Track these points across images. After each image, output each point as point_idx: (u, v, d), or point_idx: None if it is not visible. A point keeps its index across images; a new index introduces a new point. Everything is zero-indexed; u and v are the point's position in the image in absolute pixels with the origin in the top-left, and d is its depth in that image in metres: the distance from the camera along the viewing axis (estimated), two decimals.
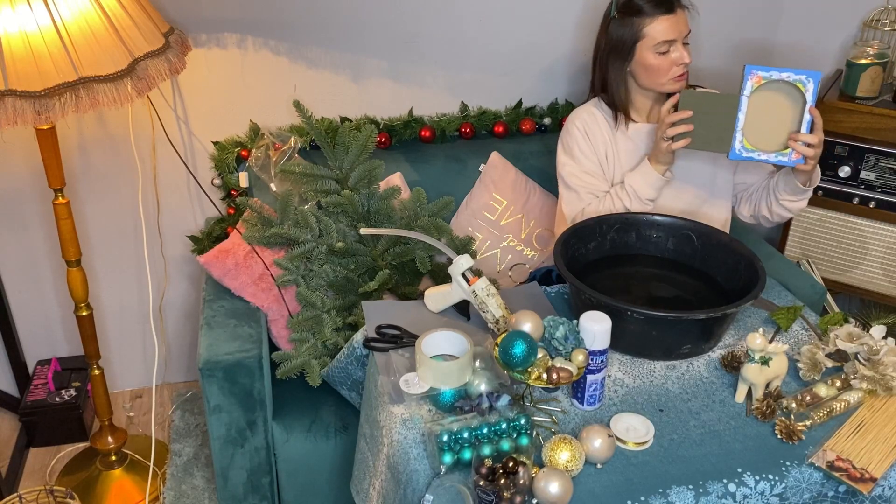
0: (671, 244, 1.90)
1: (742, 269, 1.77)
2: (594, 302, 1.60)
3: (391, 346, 1.67)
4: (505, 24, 2.47)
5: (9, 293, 2.50)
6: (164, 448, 2.48)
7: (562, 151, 2.12)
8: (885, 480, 1.41)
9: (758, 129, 1.82)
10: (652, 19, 1.92)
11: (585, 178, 2.07)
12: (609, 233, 1.90)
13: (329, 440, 1.98)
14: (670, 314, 1.59)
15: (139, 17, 1.88)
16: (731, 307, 1.59)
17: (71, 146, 2.33)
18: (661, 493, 1.35)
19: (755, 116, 1.82)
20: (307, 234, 2.08)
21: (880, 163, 2.39)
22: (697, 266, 1.88)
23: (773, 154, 1.80)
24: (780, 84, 1.81)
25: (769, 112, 1.82)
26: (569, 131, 2.10)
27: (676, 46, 1.94)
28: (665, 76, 1.97)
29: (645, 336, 1.62)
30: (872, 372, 1.54)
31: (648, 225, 1.91)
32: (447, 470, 1.38)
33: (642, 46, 1.95)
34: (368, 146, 2.15)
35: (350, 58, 2.41)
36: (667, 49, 1.94)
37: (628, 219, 1.91)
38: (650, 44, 1.94)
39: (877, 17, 2.46)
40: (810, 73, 1.78)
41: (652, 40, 1.93)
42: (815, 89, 1.78)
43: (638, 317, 1.57)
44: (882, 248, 2.48)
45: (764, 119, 1.82)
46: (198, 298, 2.59)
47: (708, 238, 1.86)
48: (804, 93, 1.80)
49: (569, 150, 2.10)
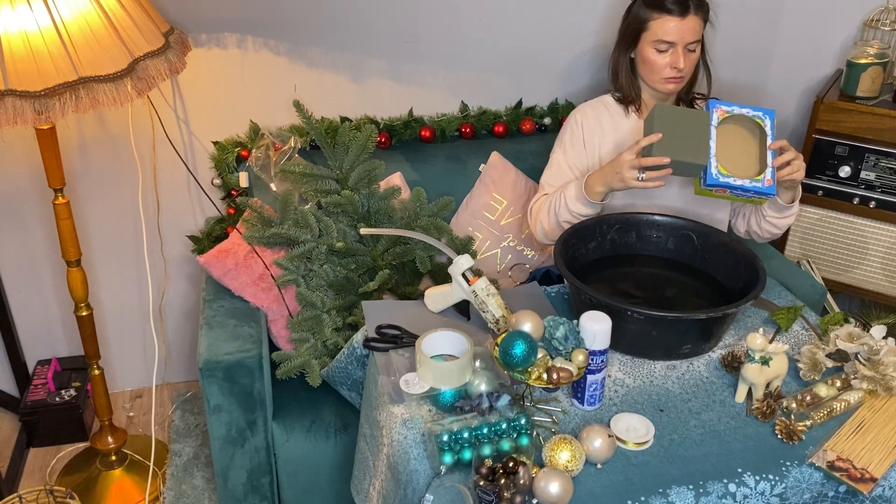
0: (671, 244, 1.90)
1: (742, 269, 1.77)
2: (594, 302, 1.60)
3: (391, 346, 1.67)
4: (505, 24, 2.47)
5: (9, 293, 2.50)
6: (164, 448, 2.48)
7: (560, 139, 2.16)
8: (885, 480, 1.41)
9: (729, 158, 1.83)
10: (661, 15, 1.92)
11: (563, 168, 2.10)
12: (609, 233, 1.90)
13: (329, 440, 1.98)
14: (670, 314, 1.59)
15: (139, 17, 1.88)
16: (732, 307, 1.59)
17: (71, 146, 2.33)
18: (661, 493, 1.35)
19: (724, 146, 1.83)
20: (307, 234, 2.08)
21: (880, 163, 2.39)
22: (698, 266, 1.88)
23: (747, 180, 1.81)
24: (742, 118, 1.84)
25: (737, 143, 1.84)
26: (569, 121, 2.15)
27: (675, 50, 1.94)
28: (657, 74, 1.98)
29: (645, 336, 1.62)
30: (873, 372, 1.54)
31: (649, 225, 1.91)
32: (447, 470, 1.38)
33: (645, 38, 1.96)
34: (368, 146, 2.15)
35: (350, 58, 2.41)
36: (665, 49, 1.94)
37: (629, 219, 1.91)
38: (650, 38, 1.95)
39: (877, 17, 2.46)
40: (766, 111, 1.84)
41: (653, 35, 1.94)
42: (772, 125, 1.84)
43: (638, 317, 1.57)
44: (882, 248, 2.48)
45: (733, 149, 1.84)
46: (198, 298, 2.59)
47: (708, 238, 1.86)
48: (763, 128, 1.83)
49: (561, 138, 2.14)
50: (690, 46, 1.95)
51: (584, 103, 2.16)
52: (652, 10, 1.94)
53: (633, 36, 1.99)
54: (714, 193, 1.83)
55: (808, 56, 2.67)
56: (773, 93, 2.75)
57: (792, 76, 2.71)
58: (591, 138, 2.09)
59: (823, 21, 2.62)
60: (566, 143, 2.12)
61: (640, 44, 1.98)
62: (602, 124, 2.09)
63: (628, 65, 2.05)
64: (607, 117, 2.10)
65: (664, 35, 1.93)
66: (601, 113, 2.11)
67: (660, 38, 1.93)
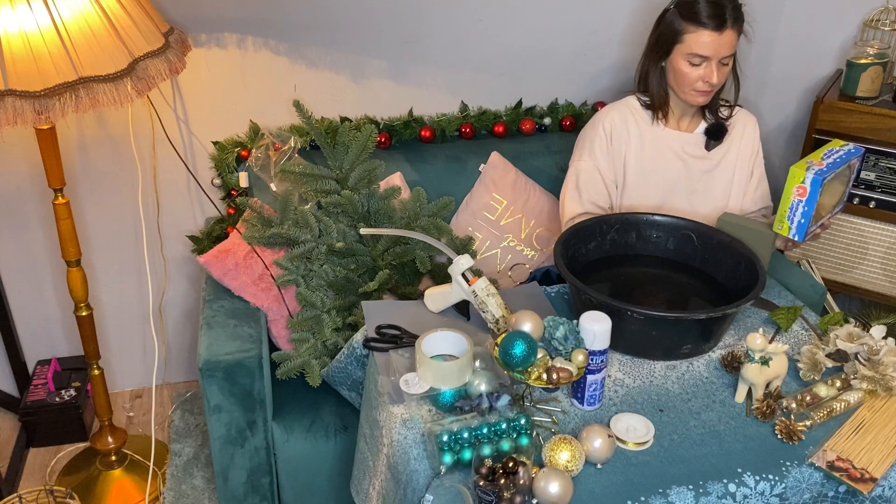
0: (671, 244, 1.90)
1: (742, 269, 1.77)
2: (594, 302, 1.60)
3: (391, 346, 1.67)
4: (505, 24, 2.47)
5: (9, 293, 2.50)
6: (164, 448, 2.48)
7: (582, 146, 2.10)
8: (885, 480, 1.41)
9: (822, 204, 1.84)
10: (697, 28, 1.88)
11: (595, 178, 2.06)
12: (609, 233, 1.90)
13: (329, 440, 1.98)
14: (670, 314, 1.59)
15: (139, 17, 1.88)
16: (731, 307, 1.58)
17: (71, 146, 2.33)
18: (661, 493, 1.35)
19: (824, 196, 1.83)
20: (307, 234, 2.08)
21: (880, 163, 2.39)
22: (698, 266, 1.88)
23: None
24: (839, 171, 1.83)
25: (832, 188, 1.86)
26: (594, 127, 2.09)
27: (709, 63, 1.91)
28: (688, 86, 1.95)
29: (645, 336, 1.62)
30: (872, 372, 1.54)
31: (649, 225, 1.91)
32: (447, 470, 1.38)
33: (678, 50, 1.93)
34: (368, 146, 2.15)
35: (350, 58, 2.41)
36: (699, 62, 1.91)
37: (629, 219, 1.91)
38: (685, 51, 1.91)
39: (877, 17, 2.46)
40: (856, 150, 1.85)
41: (687, 48, 1.90)
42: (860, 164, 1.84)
43: (638, 317, 1.57)
44: (882, 248, 2.48)
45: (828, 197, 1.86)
46: (198, 298, 2.59)
47: (708, 238, 1.86)
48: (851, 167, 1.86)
49: (590, 146, 2.08)
50: (724, 61, 1.92)
51: (609, 107, 2.11)
52: (688, 22, 1.89)
53: (667, 46, 1.95)
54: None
55: (808, 56, 2.67)
56: (774, 93, 2.75)
57: (792, 76, 2.71)
58: (619, 147, 2.06)
59: (823, 21, 2.62)
60: (595, 151, 2.07)
61: (672, 55, 1.94)
62: (629, 132, 2.06)
63: (659, 73, 2.01)
64: (633, 124, 2.07)
65: (699, 49, 1.89)
66: (628, 119, 2.07)
67: (694, 52, 1.89)
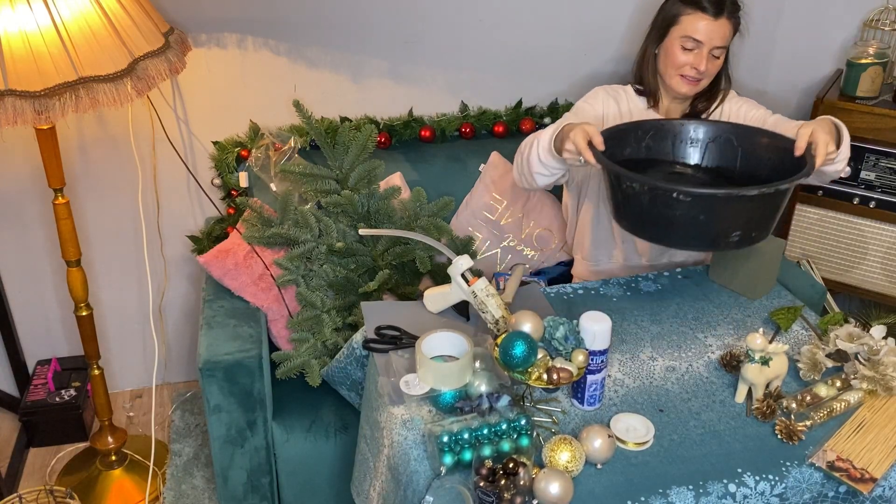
0: (711, 150, 1.83)
1: (788, 162, 1.67)
2: (636, 189, 1.50)
3: (391, 347, 1.67)
4: (505, 24, 2.47)
5: (9, 293, 2.50)
6: (164, 448, 2.48)
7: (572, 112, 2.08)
8: (885, 480, 1.41)
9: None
10: (694, 12, 1.91)
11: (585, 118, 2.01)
12: (644, 139, 1.82)
13: (329, 440, 1.98)
14: (720, 191, 1.50)
15: (139, 17, 1.88)
16: (784, 182, 1.51)
17: (71, 146, 2.33)
18: (661, 493, 1.35)
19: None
20: (307, 234, 2.08)
21: (880, 163, 2.39)
22: (739, 170, 1.79)
23: None
24: None
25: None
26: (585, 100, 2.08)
27: (700, 51, 1.92)
28: (675, 69, 1.96)
29: (691, 224, 1.52)
30: (872, 372, 1.54)
31: (686, 132, 1.85)
32: (447, 471, 1.38)
33: (673, 32, 1.95)
34: (368, 146, 2.15)
35: (350, 58, 2.41)
36: (692, 47, 1.93)
37: (664, 125, 1.85)
38: (679, 33, 1.93)
39: (877, 17, 2.46)
40: None
41: (682, 30, 1.93)
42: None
43: (685, 199, 1.48)
44: (882, 248, 2.48)
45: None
46: (198, 298, 2.59)
47: (748, 138, 1.77)
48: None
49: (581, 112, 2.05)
50: (716, 52, 1.93)
51: (599, 87, 2.10)
52: (686, 5, 1.93)
53: (664, 29, 1.97)
54: None
55: (808, 56, 2.67)
56: (774, 93, 2.75)
57: (792, 76, 2.71)
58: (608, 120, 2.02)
59: (823, 21, 2.62)
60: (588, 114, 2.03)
61: (667, 38, 1.97)
62: (620, 111, 2.05)
63: (653, 58, 2.03)
64: (625, 104, 2.07)
65: (693, 32, 1.91)
66: (620, 99, 2.07)
67: (688, 35, 1.92)
